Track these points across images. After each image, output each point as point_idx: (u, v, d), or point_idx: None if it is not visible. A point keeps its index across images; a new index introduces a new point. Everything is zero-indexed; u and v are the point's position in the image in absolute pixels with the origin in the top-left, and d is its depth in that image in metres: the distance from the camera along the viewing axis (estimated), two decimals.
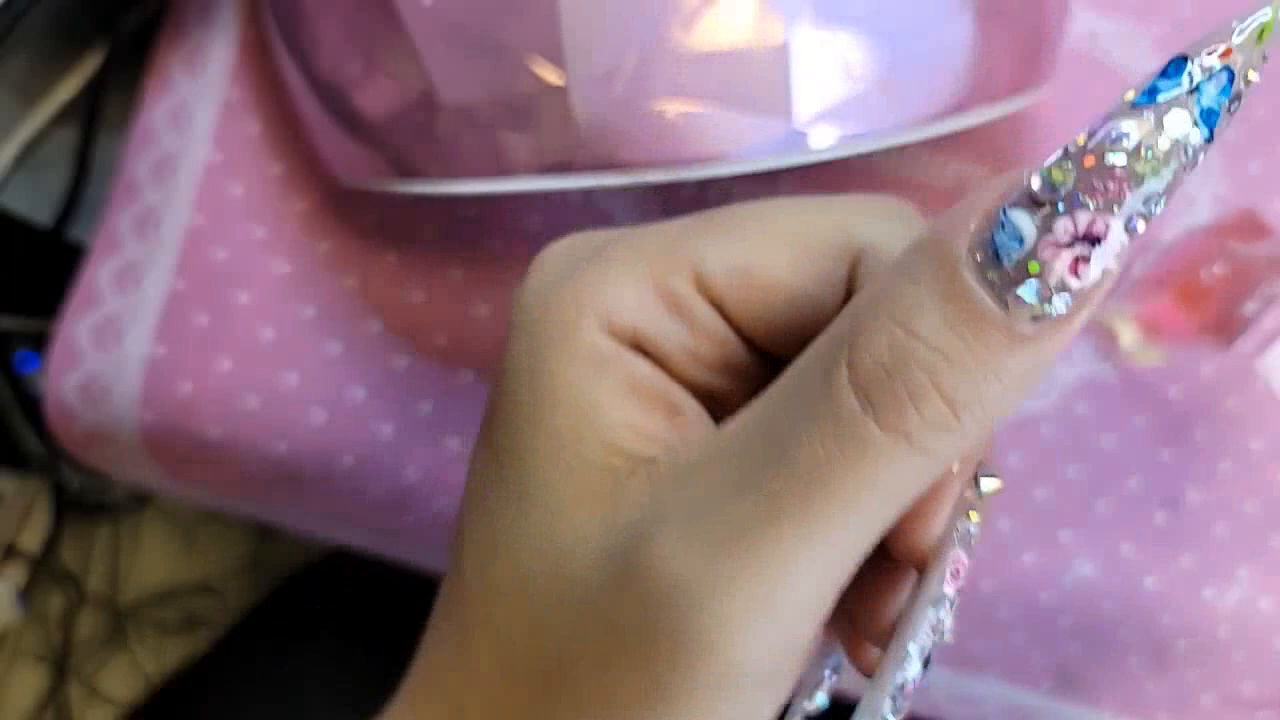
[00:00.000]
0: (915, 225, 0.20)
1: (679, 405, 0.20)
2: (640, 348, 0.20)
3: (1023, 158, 0.43)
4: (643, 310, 0.19)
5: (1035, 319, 0.16)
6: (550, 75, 0.30)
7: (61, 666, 0.83)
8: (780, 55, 0.30)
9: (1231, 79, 0.16)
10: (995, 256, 0.16)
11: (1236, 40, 0.16)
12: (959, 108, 0.33)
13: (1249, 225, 0.39)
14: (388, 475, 0.41)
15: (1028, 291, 0.15)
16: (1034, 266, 0.15)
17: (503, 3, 0.30)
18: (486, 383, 0.41)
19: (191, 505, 0.81)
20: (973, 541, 0.20)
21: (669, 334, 0.20)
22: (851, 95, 0.31)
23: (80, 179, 0.42)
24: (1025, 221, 0.16)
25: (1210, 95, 0.16)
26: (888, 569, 0.20)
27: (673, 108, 0.30)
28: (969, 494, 0.20)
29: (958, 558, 0.19)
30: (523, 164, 0.31)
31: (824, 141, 0.31)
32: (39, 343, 0.59)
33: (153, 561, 0.88)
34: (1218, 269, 0.38)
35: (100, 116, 0.42)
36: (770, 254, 0.20)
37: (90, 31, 0.42)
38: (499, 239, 0.41)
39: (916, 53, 0.32)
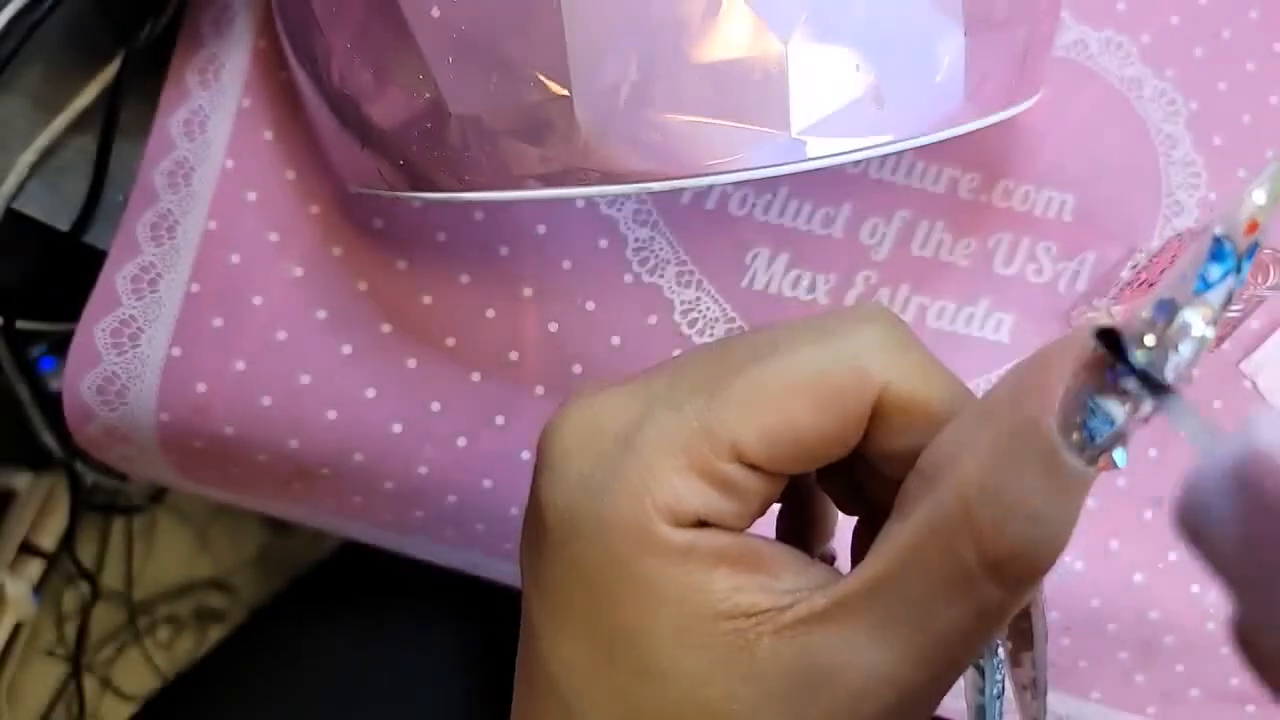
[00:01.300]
0: (912, 338, 0.22)
1: (754, 550, 0.21)
2: (703, 524, 0.21)
3: (1013, 164, 0.44)
4: (700, 497, 0.21)
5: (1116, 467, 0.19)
6: (555, 88, 0.31)
7: (77, 662, 0.84)
8: (778, 68, 0.31)
9: (1256, 245, 0.18)
10: (1089, 437, 0.18)
11: (1260, 210, 0.17)
12: (951, 117, 0.34)
13: None
14: (398, 472, 0.42)
15: (1118, 457, 0.19)
16: (1121, 439, 0.18)
17: (509, 17, 0.31)
18: (493, 382, 0.42)
19: (206, 502, 0.82)
20: None
21: (725, 508, 0.21)
22: (846, 106, 0.32)
23: (98, 185, 0.43)
24: (1116, 409, 0.18)
25: (1246, 269, 0.18)
26: None
27: (674, 119, 0.31)
28: None
29: (1045, 597, 0.23)
30: (529, 174, 0.32)
31: (820, 150, 0.32)
32: (58, 344, 0.60)
33: (166, 557, 0.88)
34: None
35: (117, 124, 0.42)
36: (797, 414, 0.21)
37: (107, 41, 0.43)
38: (506, 244, 0.42)
39: (909, 65, 0.33)
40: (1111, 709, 0.45)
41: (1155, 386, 0.18)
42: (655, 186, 0.31)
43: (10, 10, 0.40)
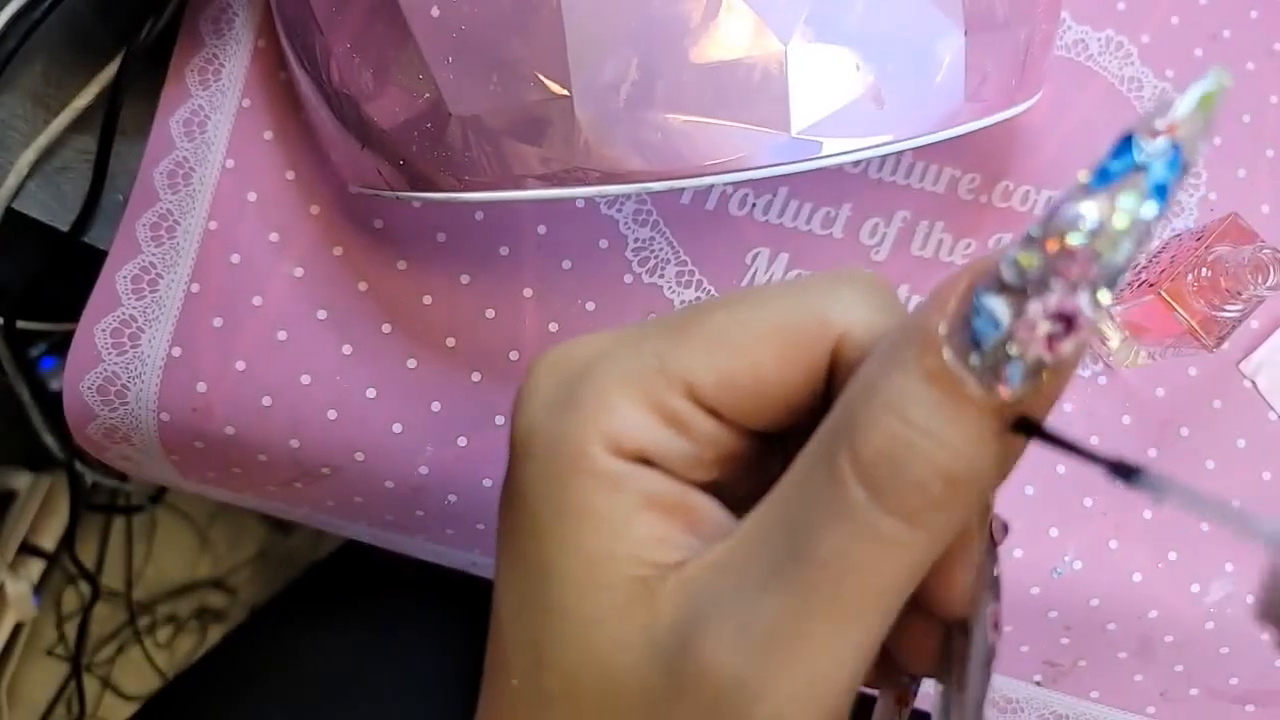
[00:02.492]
0: (889, 299, 0.21)
1: (693, 506, 0.21)
2: (647, 462, 0.21)
3: (1013, 164, 0.44)
4: (645, 430, 0.20)
5: (1019, 395, 0.16)
6: (555, 88, 0.31)
7: (77, 661, 0.84)
8: (778, 68, 0.31)
9: (1179, 153, 0.16)
10: (974, 341, 0.16)
11: (1180, 115, 0.16)
12: (951, 117, 0.34)
13: (1234, 229, 0.40)
14: (399, 472, 0.42)
15: (1011, 372, 0.16)
16: (1012, 348, 0.16)
17: (510, 18, 0.31)
18: (494, 382, 0.42)
19: (206, 502, 0.82)
20: (999, 587, 0.21)
21: (672, 447, 0.21)
22: (846, 106, 0.32)
23: (98, 185, 0.43)
24: (999, 306, 0.16)
25: (1159, 172, 0.16)
26: (920, 615, 0.21)
27: (674, 119, 0.31)
28: (988, 545, 0.21)
29: (996, 610, 0.21)
30: (529, 174, 0.32)
31: (820, 150, 0.32)
32: (58, 344, 0.60)
33: (167, 557, 0.89)
34: (1204, 272, 0.39)
35: (117, 124, 0.42)
36: (756, 357, 0.21)
37: (106, 41, 0.43)
38: (506, 244, 0.42)
39: (909, 65, 0.33)
40: (1111, 708, 0.45)
41: (1122, 470, 0.16)
42: (655, 186, 0.31)
43: (10, 10, 0.40)
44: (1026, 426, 0.17)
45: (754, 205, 0.43)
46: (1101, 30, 0.45)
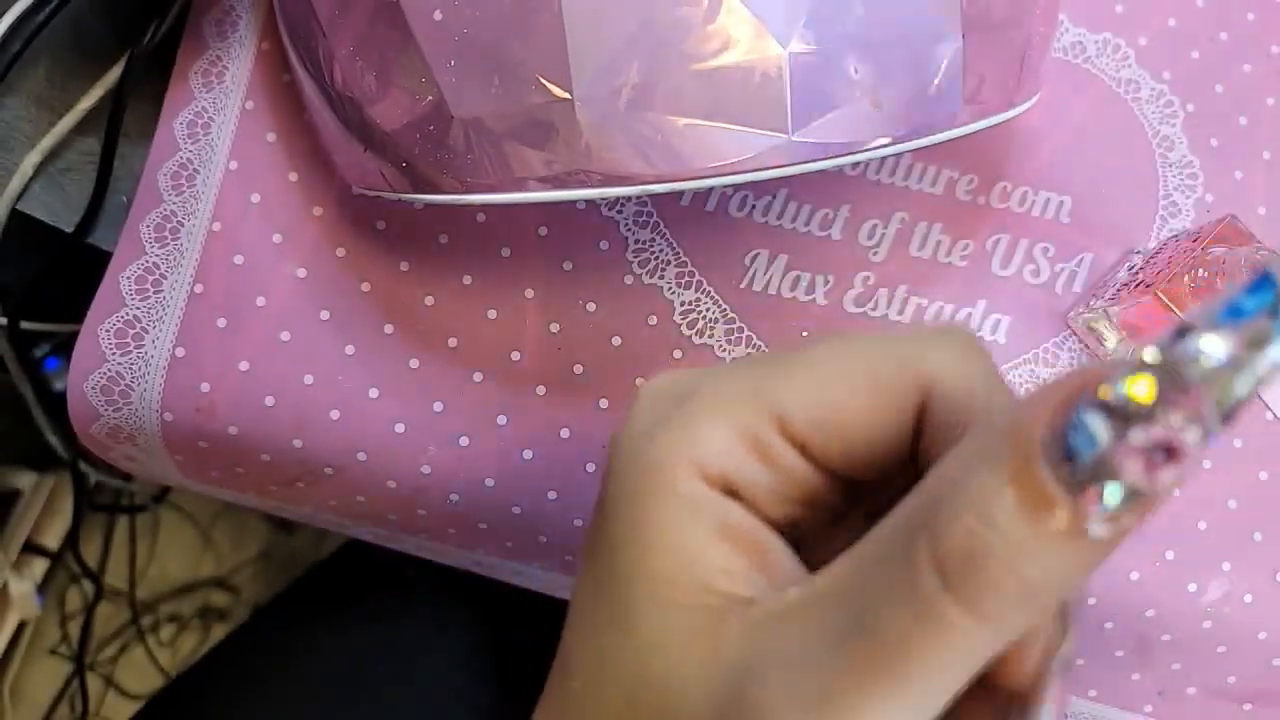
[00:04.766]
0: (982, 357, 0.22)
1: (766, 545, 0.21)
2: (730, 491, 0.21)
3: (1010, 165, 0.44)
4: (732, 457, 0.21)
5: (1109, 514, 0.16)
6: (557, 91, 0.31)
7: (80, 660, 0.84)
8: (777, 71, 0.31)
9: None
10: (1068, 455, 0.16)
11: None
12: (949, 120, 0.34)
13: (1231, 231, 0.40)
14: (401, 472, 0.42)
15: (1108, 493, 0.16)
16: (1109, 469, 0.16)
17: (511, 21, 0.31)
18: (495, 382, 0.42)
19: (209, 501, 0.82)
20: (1068, 669, 0.21)
21: (756, 478, 0.21)
22: (845, 108, 0.32)
23: (102, 186, 0.43)
24: (1099, 426, 0.16)
25: None
26: (979, 689, 0.21)
27: (675, 121, 0.31)
28: (1058, 627, 0.21)
29: (1062, 690, 0.20)
30: (531, 176, 0.32)
31: (819, 153, 0.32)
32: (62, 345, 0.61)
33: (170, 556, 0.89)
34: (1201, 273, 0.39)
35: (121, 126, 0.43)
36: (847, 396, 0.21)
37: (110, 44, 0.43)
38: (508, 245, 0.42)
39: (907, 67, 0.33)
40: (1109, 706, 0.45)
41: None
42: (656, 188, 0.32)
43: (14, 12, 0.40)
44: None
45: (753, 207, 0.43)
46: (1099, 32, 0.45)
